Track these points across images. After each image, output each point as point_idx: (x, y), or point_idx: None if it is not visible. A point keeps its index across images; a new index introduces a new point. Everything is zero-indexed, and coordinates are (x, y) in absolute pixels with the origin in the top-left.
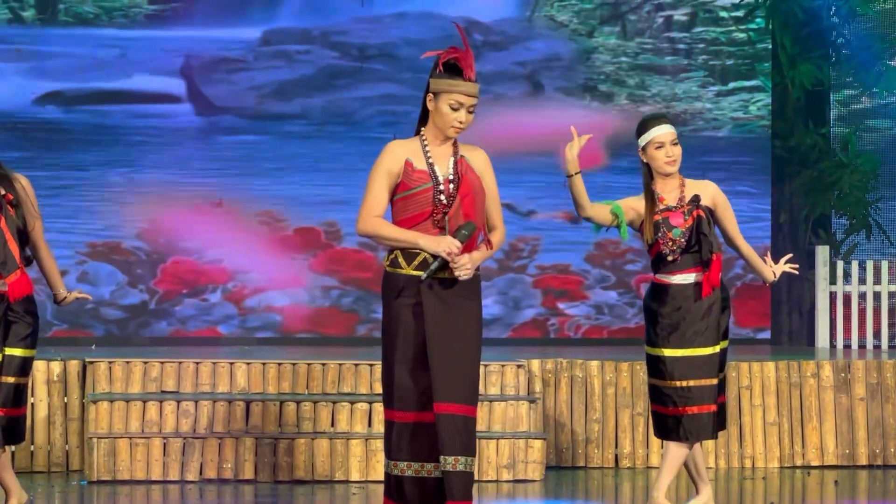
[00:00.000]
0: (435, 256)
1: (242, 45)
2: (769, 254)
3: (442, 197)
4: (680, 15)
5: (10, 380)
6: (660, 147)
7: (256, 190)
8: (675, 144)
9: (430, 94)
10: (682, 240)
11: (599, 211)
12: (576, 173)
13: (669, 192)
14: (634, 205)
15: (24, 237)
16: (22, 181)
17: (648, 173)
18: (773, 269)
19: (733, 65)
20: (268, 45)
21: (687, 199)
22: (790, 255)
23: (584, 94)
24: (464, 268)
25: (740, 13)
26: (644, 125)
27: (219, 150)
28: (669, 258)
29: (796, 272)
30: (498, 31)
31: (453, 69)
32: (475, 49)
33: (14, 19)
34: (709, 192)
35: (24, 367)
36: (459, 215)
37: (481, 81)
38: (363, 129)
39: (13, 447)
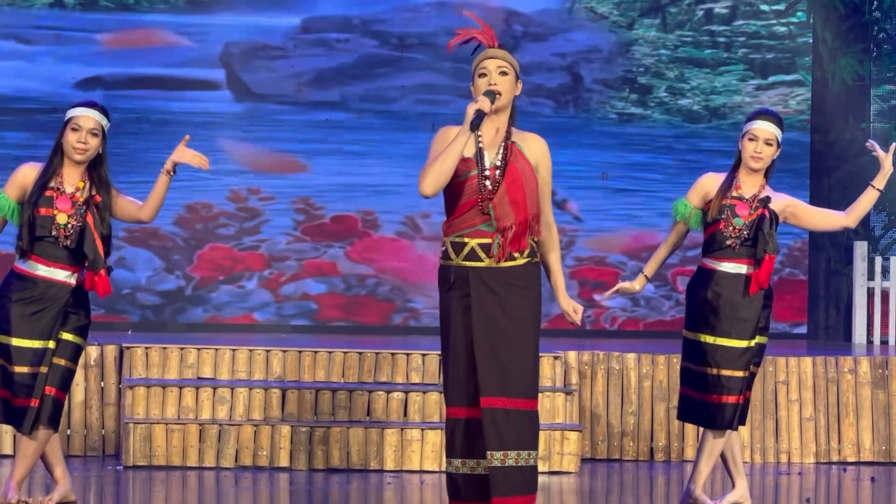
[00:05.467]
0: (476, 118)
1: (282, 33)
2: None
3: (487, 183)
4: (720, 8)
5: (62, 362)
6: (752, 140)
7: (293, 177)
8: (769, 145)
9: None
10: (743, 231)
11: (679, 234)
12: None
13: (748, 186)
14: (708, 189)
15: (108, 244)
16: (114, 193)
17: (738, 160)
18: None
19: (773, 58)
20: (307, 32)
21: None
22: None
23: (623, 87)
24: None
25: (781, 7)
26: (752, 114)
27: (257, 137)
28: (728, 243)
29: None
30: (538, 23)
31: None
32: (514, 40)
33: (55, 4)
34: (783, 201)
35: (76, 353)
36: (505, 202)
37: (521, 73)
38: (401, 118)
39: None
